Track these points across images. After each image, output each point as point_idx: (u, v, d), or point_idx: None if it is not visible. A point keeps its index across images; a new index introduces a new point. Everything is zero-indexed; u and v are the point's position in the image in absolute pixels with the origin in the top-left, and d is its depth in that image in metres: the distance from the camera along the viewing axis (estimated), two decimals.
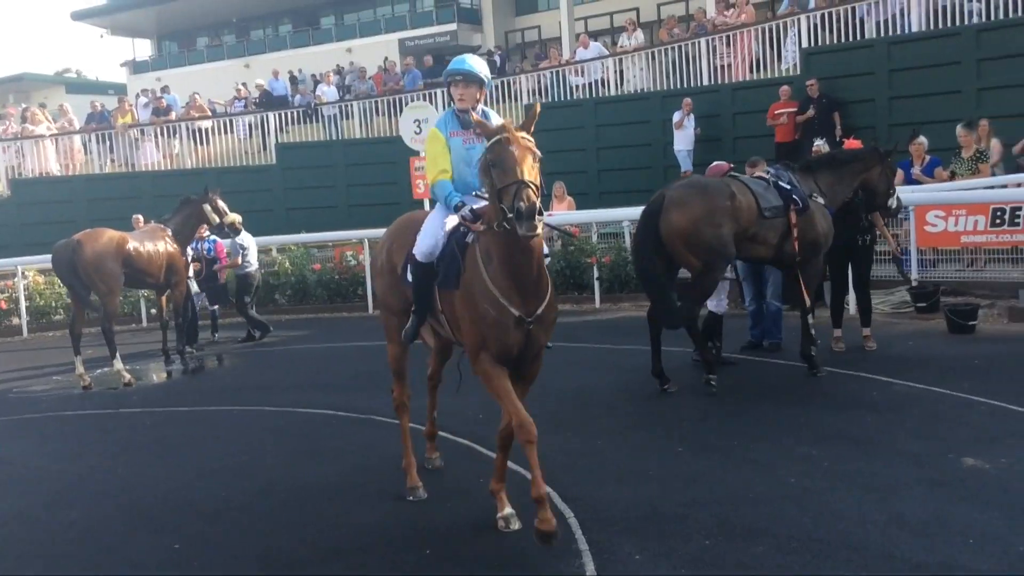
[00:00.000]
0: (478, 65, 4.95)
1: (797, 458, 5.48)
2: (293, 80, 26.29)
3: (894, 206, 8.50)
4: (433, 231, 4.87)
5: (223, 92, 26.60)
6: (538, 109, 4.52)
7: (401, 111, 17.89)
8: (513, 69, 24.42)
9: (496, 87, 20.67)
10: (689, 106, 16.49)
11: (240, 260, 12.18)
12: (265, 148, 21.72)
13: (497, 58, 23.30)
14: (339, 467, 6.12)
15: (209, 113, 22.71)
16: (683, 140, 16.62)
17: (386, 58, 27.39)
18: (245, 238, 12.16)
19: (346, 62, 27.97)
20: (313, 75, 25.54)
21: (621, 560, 4.23)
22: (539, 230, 4.08)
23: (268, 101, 22.95)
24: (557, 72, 19.82)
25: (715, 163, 8.67)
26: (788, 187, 7.53)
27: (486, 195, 4.45)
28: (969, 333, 8.73)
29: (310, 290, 14.79)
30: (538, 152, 4.30)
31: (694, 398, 7.24)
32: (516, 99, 20.09)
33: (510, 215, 4.06)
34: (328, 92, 22.47)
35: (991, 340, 8.54)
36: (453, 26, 34.17)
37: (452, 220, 4.81)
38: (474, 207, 4.62)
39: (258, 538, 4.91)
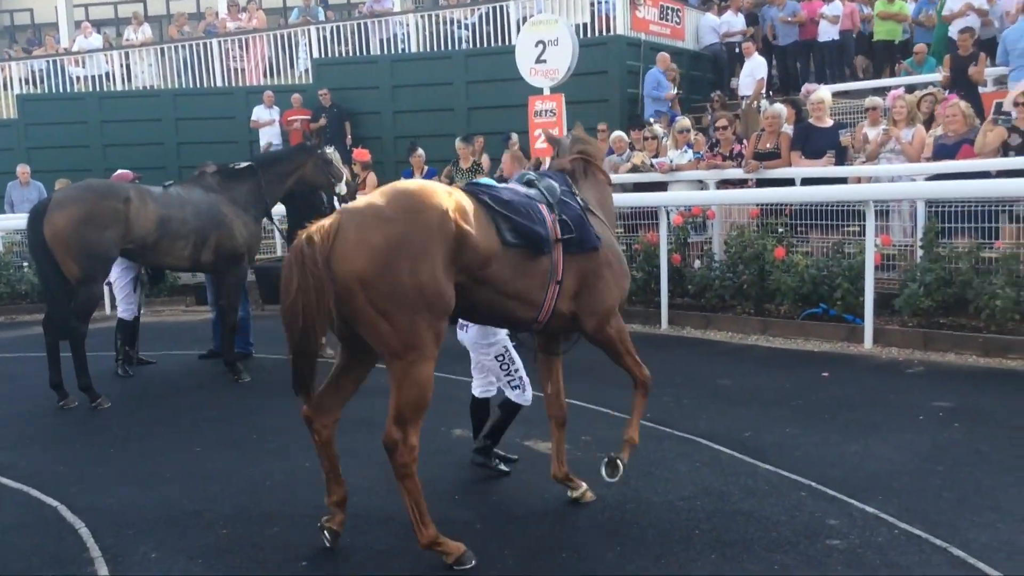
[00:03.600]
0: None
1: (310, 445, 5.84)
2: None
3: (343, 192, 8.71)
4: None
5: None
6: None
7: None
8: (0, 55, 21.96)
9: None
10: (271, 99, 16.14)
11: None
12: None
13: None
14: None
15: None
16: (268, 135, 16.18)
17: None
18: None
19: None
20: None
21: (136, 561, 4.21)
22: None
23: None
24: (54, 61, 18.24)
25: (119, 171, 8.85)
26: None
27: None
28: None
29: None
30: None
31: (214, 399, 7.31)
32: (6, 88, 18.12)
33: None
34: None
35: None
36: None
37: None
38: None
39: None
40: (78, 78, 18.09)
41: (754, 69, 13.71)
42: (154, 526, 4.65)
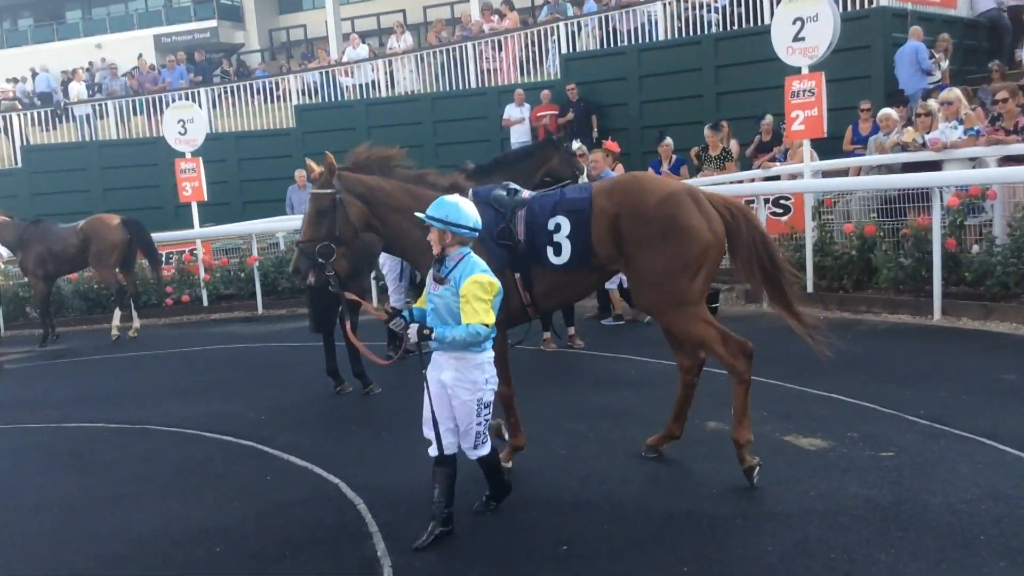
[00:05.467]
0: (441, 209, 4.30)
1: (566, 432, 5.96)
2: (36, 77, 24.54)
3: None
4: None
5: None
6: (331, 159, 5.22)
7: (162, 111, 17.25)
8: (279, 68, 24.08)
9: (263, 86, 20.38)
10: (521, 97, 16.68)
11: None
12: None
13: None
14: (115, 478, 5.94)
15: None
16: (519, 133, 16.57)
17: (140, 55, 26.12)
18: None
19: (96, 58, 26.44)
20: (64, 72, 23.91)
21: (410, 538, 4.46)
22: (309, 279, 5.29)
23: (43, 97, 21.50)
24: (326, 73, 19.76)
25: None
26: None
27: None
28: (712, 314, 9.65)
29: (65, 302, 13.92)
30: (324, 201, 5.15)
31: None
32: (285, 99, 19.87)
33: None
34: (78, 90, 21.20)
35: (730, 319, 9.47)
36: (213, 23, 33.14)
37: None
38: None
39: (37, 554, 4.74)
40: (348, 87, 19.47)
41: None
42: (425, 505, 4.88)
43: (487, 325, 4.20)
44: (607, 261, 5.00)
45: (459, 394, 4.36)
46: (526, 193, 5.22)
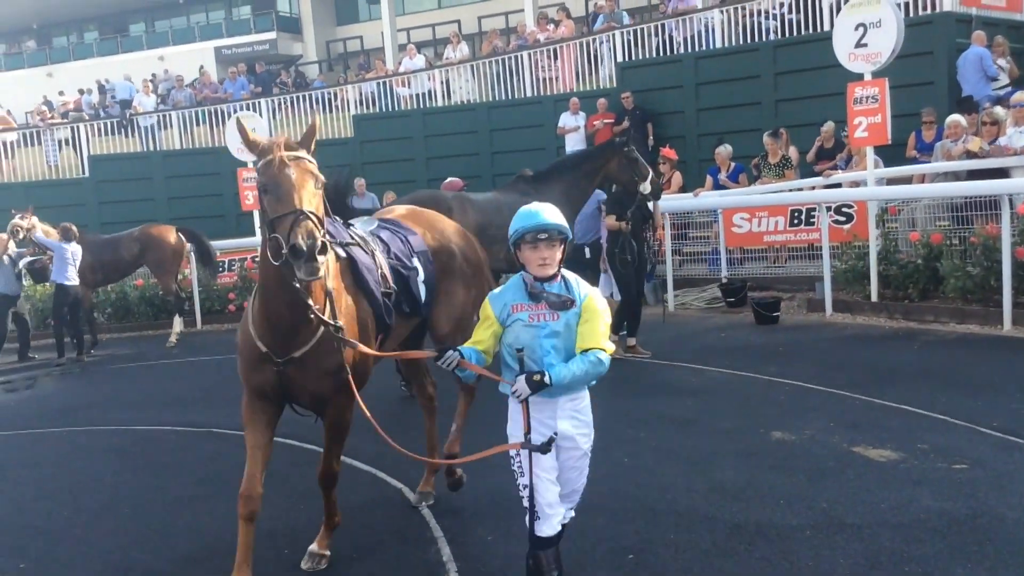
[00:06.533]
0: (556, 217, 3.57)
1: (628, 440, 5.93)
2: (102, 89, 25.20)
3: (647, 191, 8.40)
4: None
5: (24, 102, 25.18)
6: (318, 123, 4.02)
7: (224, 121, 17.59)
8: (337, 79, 24.40)
9: (321, 96, 20.68)
10: (576, 105, 16.69)
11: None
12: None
13: None
14: (184, 479, 6.08)
15: (13, 124, 21.47)
16: (574, 141, 16.45)
17: (201, 67, 26.67)
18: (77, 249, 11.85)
19: (159, 70, 27.06)
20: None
21: (474, 543, 4.50)
22: (321, 272, 3.51)
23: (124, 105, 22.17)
24: (383, 83, 19.98)
25: (449, 179, 9.20)
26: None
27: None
28: (773, 323, 9.59)
29: (132, 307, 14.28)
30: (320, 176, 3.74)
31: None
32: (343, 109, 20.13)
33: (284, 251, 3.48)
34: (144, 101, 21.72)
35: (792, 329, 9.40)
36: (272, 35, 33.69)
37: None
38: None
39: (109, 553, 4.86)
40: (404, 97, 19.65)
41: None
42: (486, 511, 4.93)
43: (607, 352, 3.46)
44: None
45: (579, 444, 3.60)
46: (361, 228, 4.56)
